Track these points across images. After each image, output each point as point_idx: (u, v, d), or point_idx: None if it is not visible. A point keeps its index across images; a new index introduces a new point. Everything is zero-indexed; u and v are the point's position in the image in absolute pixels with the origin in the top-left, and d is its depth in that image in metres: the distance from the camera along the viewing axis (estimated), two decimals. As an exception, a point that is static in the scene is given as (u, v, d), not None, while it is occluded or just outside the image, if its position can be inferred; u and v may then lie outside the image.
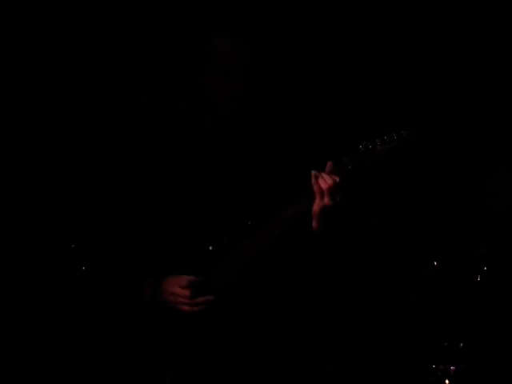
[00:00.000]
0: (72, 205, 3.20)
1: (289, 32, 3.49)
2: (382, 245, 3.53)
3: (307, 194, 2.10)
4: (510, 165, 3.62)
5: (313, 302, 2.48)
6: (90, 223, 2.80)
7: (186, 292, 2.21)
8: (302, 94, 3.47)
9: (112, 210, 2.39)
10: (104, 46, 3.40)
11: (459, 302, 3.32)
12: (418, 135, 2.10)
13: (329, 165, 2.09)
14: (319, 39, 3.69)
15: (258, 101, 2.29)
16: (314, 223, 2.13)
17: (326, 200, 2.05)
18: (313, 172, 2.07)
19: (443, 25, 3.74)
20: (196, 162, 2.31)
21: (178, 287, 2.22)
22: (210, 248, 2.25)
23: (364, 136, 2.06)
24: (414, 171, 3.80)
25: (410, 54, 3.80)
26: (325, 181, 2.05)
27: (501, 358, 3.29)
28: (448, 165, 3.86)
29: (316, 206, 2.09)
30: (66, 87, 3.39)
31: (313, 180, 2.06)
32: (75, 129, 3.37)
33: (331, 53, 3.72)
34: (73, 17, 3.37)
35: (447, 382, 3.24)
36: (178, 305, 2.23)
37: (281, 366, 2.33)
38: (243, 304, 2.27)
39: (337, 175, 2.06)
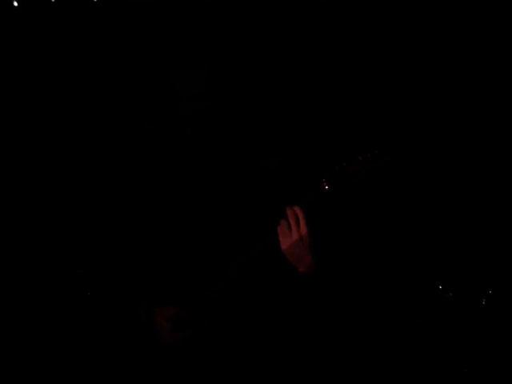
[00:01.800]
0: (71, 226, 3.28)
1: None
2: (383, 267, 3.53)
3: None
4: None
5: (301, 335, 2.46)
6: (89, 245, 2.87)
7: (168, 324, 2.21)
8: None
9: (107, 232, 2.45)
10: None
11: (464, 325, 3.30)
12: (394, 155, 2.11)
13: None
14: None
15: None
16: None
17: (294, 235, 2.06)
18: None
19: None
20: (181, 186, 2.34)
21: (162, 318, 2.23)
22: (198, 273, 2.27)
23: (340, 154, 2.07)
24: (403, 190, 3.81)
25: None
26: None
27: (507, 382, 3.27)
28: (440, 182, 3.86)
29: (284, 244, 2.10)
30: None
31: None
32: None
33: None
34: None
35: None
36: (160, 336, 2.24)
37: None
38: (231, 329, 2.28)
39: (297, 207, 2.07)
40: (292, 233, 2.07)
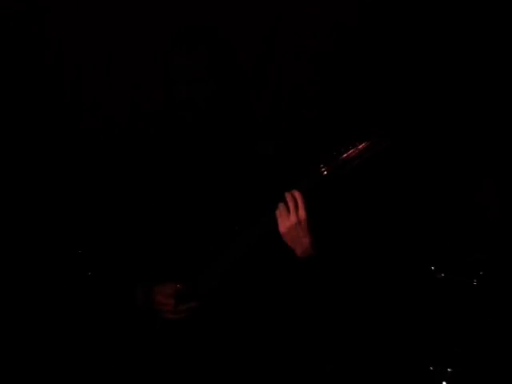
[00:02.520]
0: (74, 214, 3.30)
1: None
2: (377, 251, 3.56)
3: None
4: (496, 176, 3.65)
5: (302, 307, 2.48)
6: (91, 231, 2.88)
7: (170, 300, 2.24)
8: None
9: (110, 220, 2.47)
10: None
11: (456, 305, 3.35)
12: (394, 141, 2.12)
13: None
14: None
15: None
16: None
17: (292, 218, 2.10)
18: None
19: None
20: (178, 175, 2.35)
21: (162, 296, 2.26)
22: (197, 254, 2.29)
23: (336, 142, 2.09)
24: (400, 177, 3.83)
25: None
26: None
27: (499, 362, 3.31)
28: (435, 171, 3.88)
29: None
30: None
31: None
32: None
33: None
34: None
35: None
36: (163, 313, 2.26)
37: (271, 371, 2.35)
38: (230, 310, 2.30)
39: (297, 190, 2.10)
40: (290, 216, 2.11)
